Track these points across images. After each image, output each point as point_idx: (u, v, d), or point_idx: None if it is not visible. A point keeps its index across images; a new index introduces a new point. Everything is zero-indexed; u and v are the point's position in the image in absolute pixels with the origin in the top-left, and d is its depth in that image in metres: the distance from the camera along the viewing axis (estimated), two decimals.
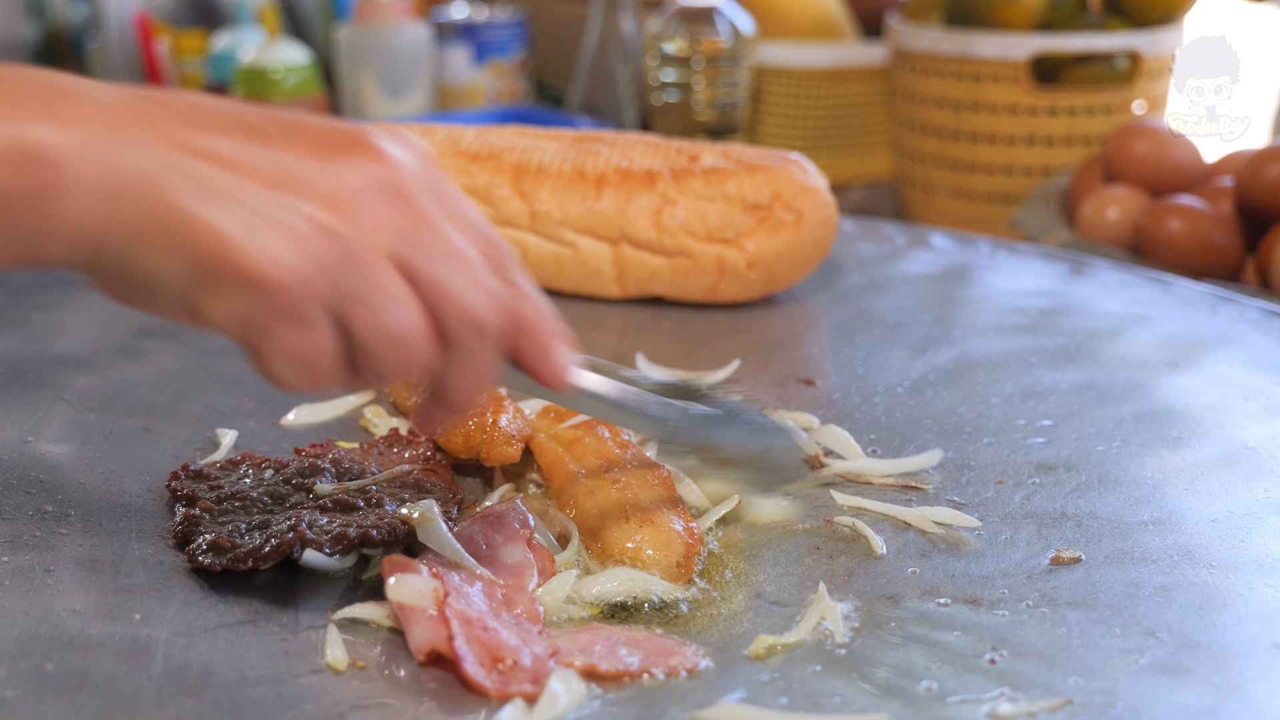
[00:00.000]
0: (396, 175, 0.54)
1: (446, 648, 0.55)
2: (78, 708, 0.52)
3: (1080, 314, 0.98)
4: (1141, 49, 1.40)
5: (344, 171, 0.53)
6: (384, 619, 0.59)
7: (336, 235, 0.52)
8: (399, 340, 0.54)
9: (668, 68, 1.57)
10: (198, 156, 0.52)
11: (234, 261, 0.51)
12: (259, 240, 0.51)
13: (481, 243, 0.57)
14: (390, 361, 0.55)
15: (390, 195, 0.54)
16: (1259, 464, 0.74)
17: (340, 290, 0.53)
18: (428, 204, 0.55)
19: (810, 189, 1.00)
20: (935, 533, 0.68)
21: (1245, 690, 0.54)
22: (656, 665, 0.56)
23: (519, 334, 0.58)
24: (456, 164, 1.04)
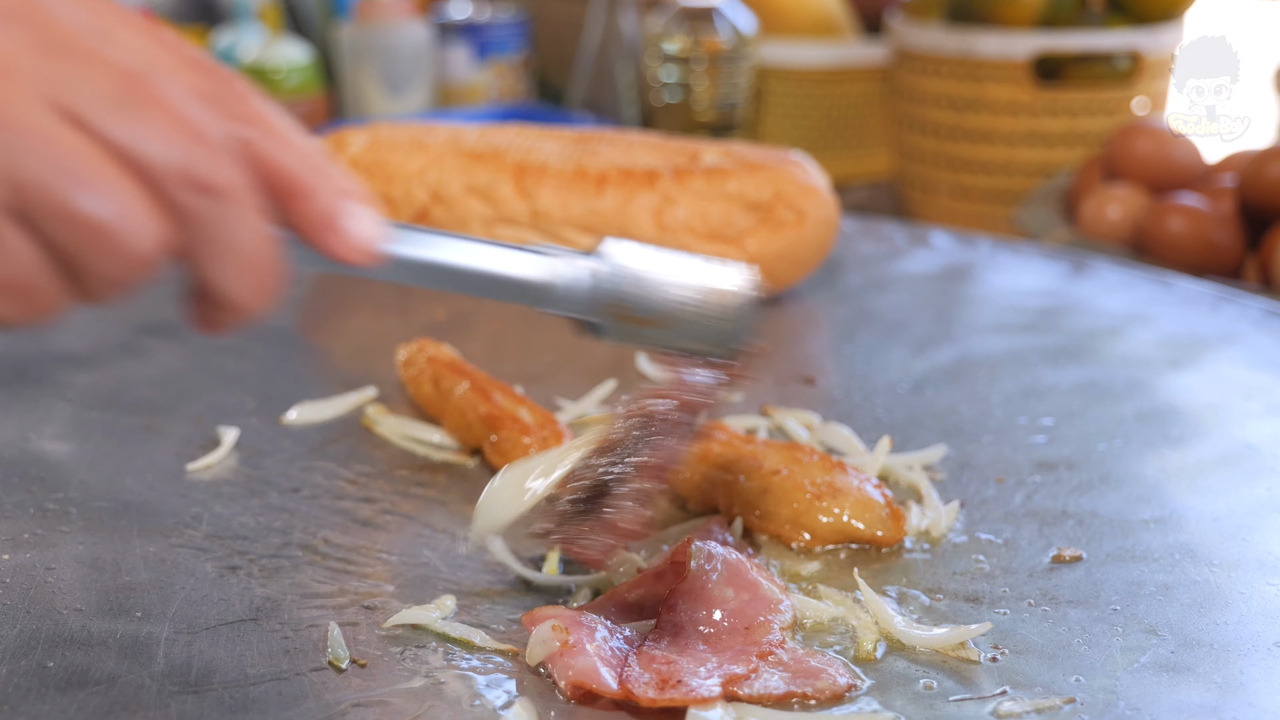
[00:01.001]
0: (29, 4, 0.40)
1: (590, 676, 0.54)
2: (79, 705, 0.52)
3: (1081, 313, 0.98)
4: (1142, 47, 1.40)
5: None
6: (435, 623, 0.59)
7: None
8: (101, 227, 0.40)
9: (669, 67, 1.57)
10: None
11: None
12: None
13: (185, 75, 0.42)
14: (108, 260, 0.40)
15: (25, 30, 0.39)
16: (1260, 462, 0.74)
17: (9, 183, 0.39)
18: (87, 38, 0.40)
19: (811, 188, 1.00)
20: (937, 532, 0.67)
21: (1246, 688, 0.54)
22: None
23: (282, 192, 0.43)
24: (458, 163, 1.04)
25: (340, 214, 0.44)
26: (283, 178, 0.43)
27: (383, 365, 0.86)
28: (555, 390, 0.84)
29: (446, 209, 1.04)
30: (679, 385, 0.57)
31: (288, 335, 0.95)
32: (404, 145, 1.07)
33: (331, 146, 1.10)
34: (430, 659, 0.56)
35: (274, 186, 0.43)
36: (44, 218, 0.39)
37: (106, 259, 0.40)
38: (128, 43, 0.41)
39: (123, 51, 0.41)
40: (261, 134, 0.43)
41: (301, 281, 1.06)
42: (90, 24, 0.41)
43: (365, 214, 0.45)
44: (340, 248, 0.45)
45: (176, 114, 0.40)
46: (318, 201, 0.44)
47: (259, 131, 0.43)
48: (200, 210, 0.41)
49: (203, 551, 0.64)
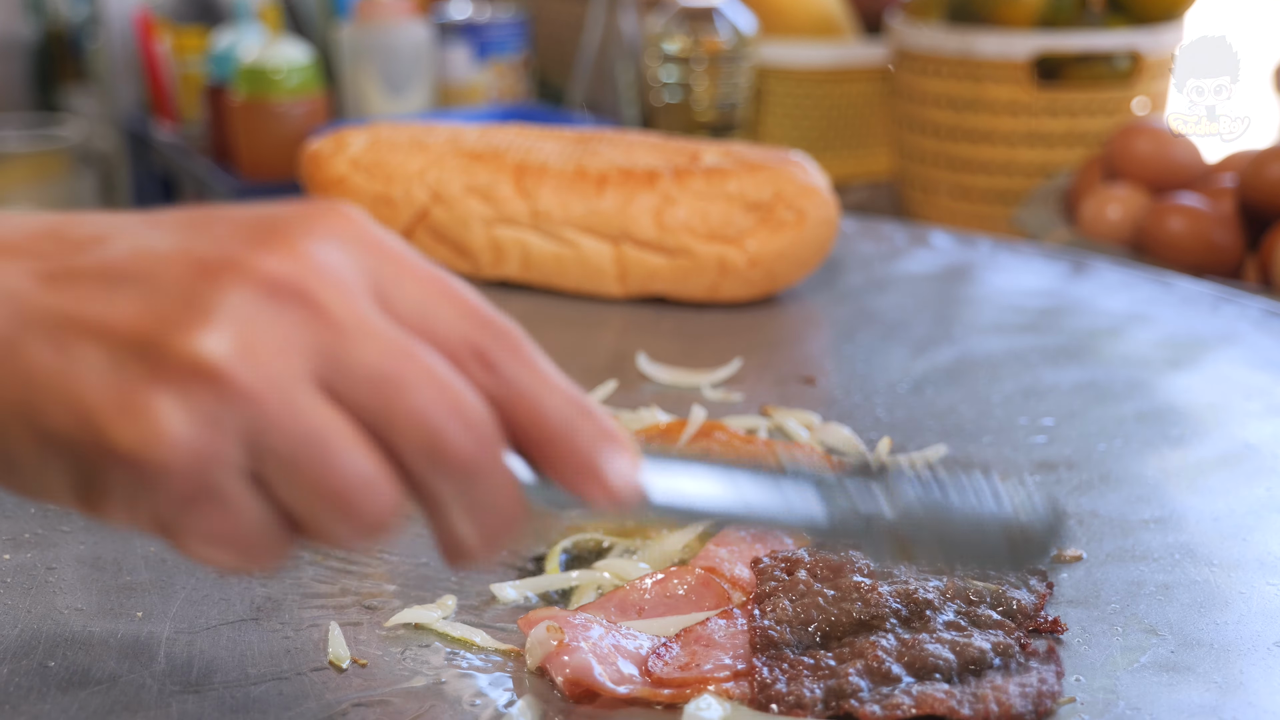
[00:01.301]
0: (303, 275, 0.40)
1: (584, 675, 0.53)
2: (80, 705, 0.52)
3: (1081, 313, 0.98)
4: (1142, 47, 1.40)
5: (230, 291, 0.40)
6: (436, 623, 0.59)
7: (226, 380, 0.39)
8: (342, 498, 0.40)
9: (669, 67, 1.57)
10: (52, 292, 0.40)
11: (106, 443, 0.39)
12: (129, 409, 0.39)
13: (458, 327, 0.43)
14: (341, 525, 0.41)
15: (294, 306, 0.40)
16: (1260, 462, 0.74)
17: (252, 449, 0.40)
18: (351, 305, 0.41)
19: (811, 188, 1.00)
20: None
21: (1247, 688, 0.54)
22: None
23: (536, 444, 0.44)
24: (458, 163, 1.04)
25: (600, 461, 0.44)
26: (545, 428, 0.43)
27: None
28: None
29: (447, 209, 1.04)
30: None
31: None
32: (404, 145, 1.07)
33: (331, 146, 1.10)
34: (431, 659, 0.56)
35: (535, 436, 0.43)
36: (282, 486, 0.40)
37: (340, 524, 0.41)
38: (410, 296, 0.42)
39: (402, 305, 0.42)
40: (527, 385, 0.43)
41: None
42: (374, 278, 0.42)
43: (625, 460, 0.45)
44: (598, 495, 0.44)
45: (437, 386, 0.41)
46: (578, 450, 0.44)
47: (525, 383, 0.43)
48: (443, 479, 0.42)
49: None
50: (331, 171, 1.09)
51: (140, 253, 0.41)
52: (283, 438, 0.39)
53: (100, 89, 2.54)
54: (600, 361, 0.90)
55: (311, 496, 0.40)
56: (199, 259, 0.40)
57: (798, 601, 0.56)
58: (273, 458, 0.40)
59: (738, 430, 0.75)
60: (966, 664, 0.53)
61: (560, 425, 0.43)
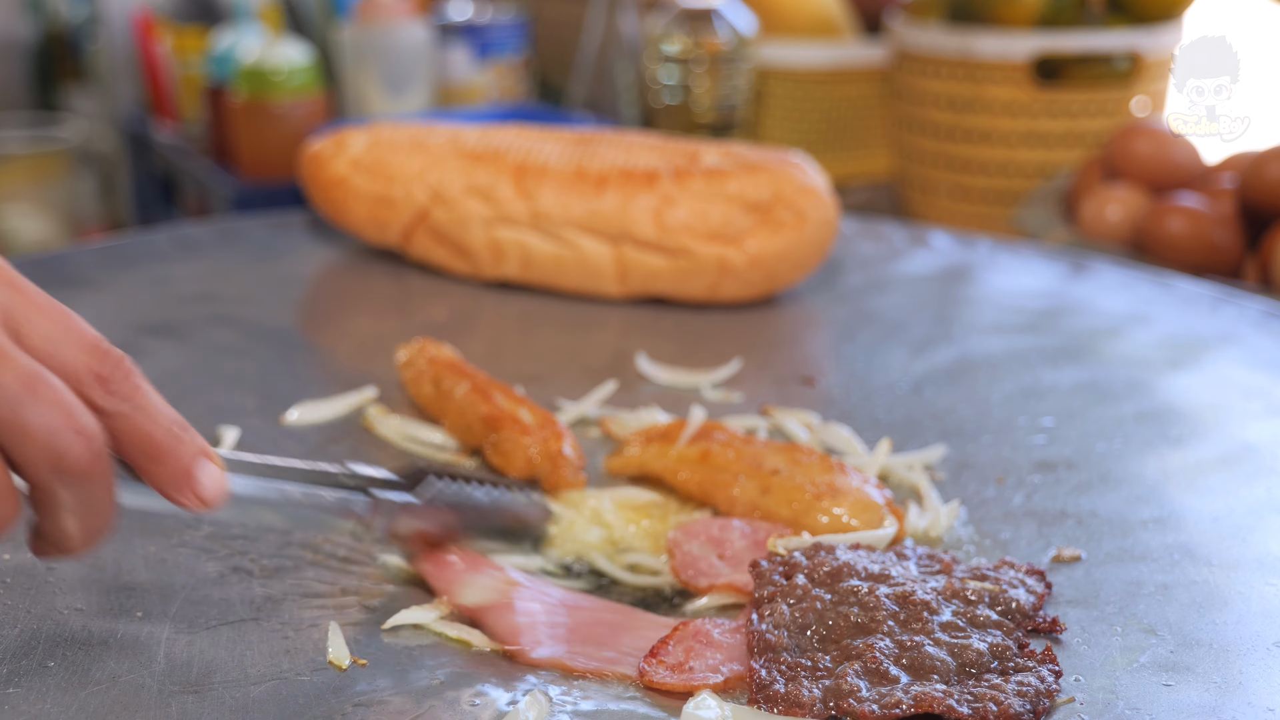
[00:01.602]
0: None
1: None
2: (80, 705, 0.52)
3: (1081, 313, 0.98)
4: (1142, 48, 1.40)
5: None
6: (435, 621, 0.59)
7: None
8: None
9: (669, 68, 1.57)
10: None
11: None
12: None
13: (78, 359, 0.50)
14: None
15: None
16: (1260, 463, 0.74)
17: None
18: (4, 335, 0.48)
19: (811, 189, 1.00)
20: (936, 532, 0.68)
21: (1246, 688, 0.54)
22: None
23: (140, 455, 0.52)
24: (459, 163, 1.04)
25: (192, 474, 0.53)
26: (150, 443, 0.51)
27: (383, 365, 0.86)
28: (555, 391, 0.84)
29: (447, 209, 1.04)
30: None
31: (288, 335, 0.95)
32: (405, 146, 1.07)
33: (332, 147, 1.10)
34: (431, 659, 0.56)
35: (140, 451, 0.51)
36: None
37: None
38: (37, 329, 0.50)
39: (32, 338, 0.49)
40: (137, 409, 0.51)
41: (303, 282, 1.07)
42: (7, 313, 0.49)
43: (212, 473, 0.53)
44: (189, 504, 0.53)
45: (60, 406, 0.48)
46: (173, 464, 0.52)
47: (134, 407, 0.51)
48: (60, 485, 0.49)
49: (204, 552, 0.64)
50: (332, 172, 1.09)
51: None
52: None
53: (100, 89, 2.54)
54: (600, 362, 0.90)
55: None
56: None
57: (795, 605, 0.57)
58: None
59: (737, 430, 0.75)
60: (965, 665, 0.53)
61: (164, 443, 0.52)
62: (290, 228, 1.17)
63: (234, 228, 1.17)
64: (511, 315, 1.01)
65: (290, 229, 1.17)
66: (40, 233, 2.45)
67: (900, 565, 0.60)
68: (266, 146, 1.78)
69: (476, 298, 1.04)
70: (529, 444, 0.72)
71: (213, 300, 0.99)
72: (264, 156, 1.79)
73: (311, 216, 1.17)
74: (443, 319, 0.99)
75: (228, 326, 0.94)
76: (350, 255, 1.12)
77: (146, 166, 2.36)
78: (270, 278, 1.06)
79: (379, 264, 1.10)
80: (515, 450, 0.72)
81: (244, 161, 1.81)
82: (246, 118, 1.79)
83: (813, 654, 0.54)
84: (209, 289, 1.01)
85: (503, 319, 1.00)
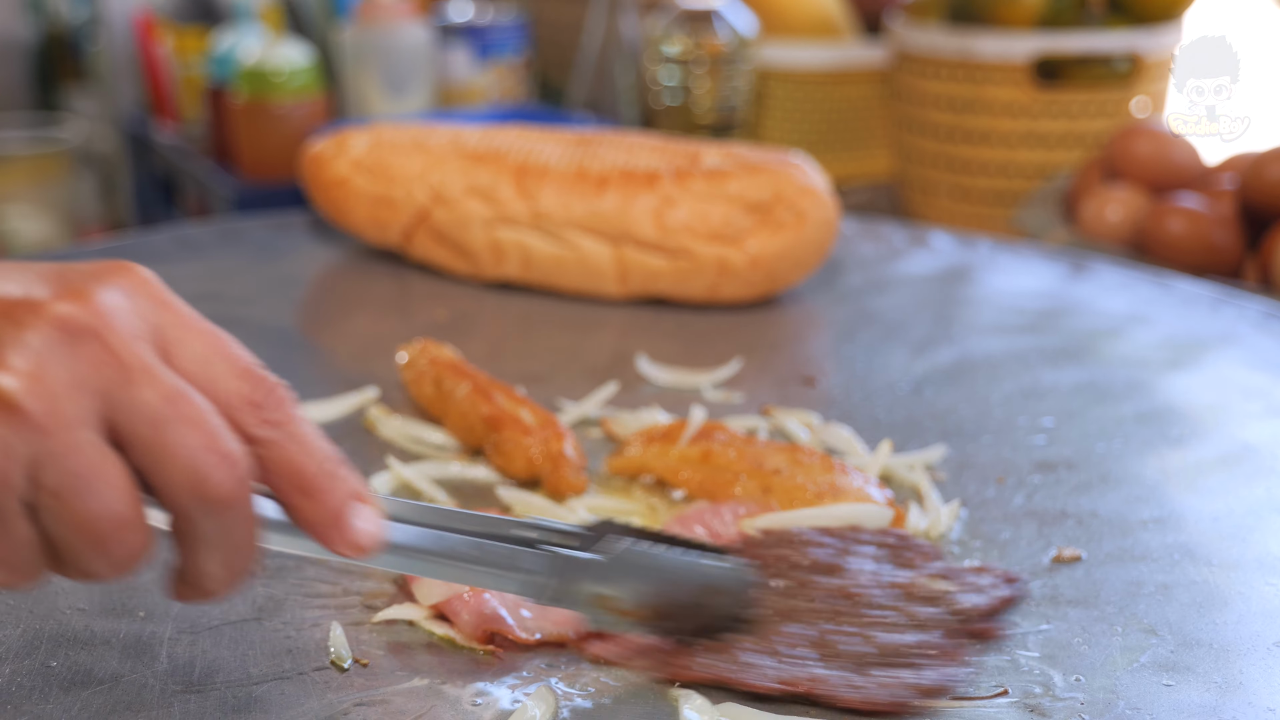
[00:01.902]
0: (93, 317, 0.44)
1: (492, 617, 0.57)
2: (82, 704, 0.52)
3: (1081, 314, 0.98)
4: (1142, 49, 1.40)
5: (27, 331, 0.44)
6: (423, 619, 0.59)
7: (21, 413, 0.43)
8: (97, 533, 0.44)
9: (669, 69, 1.57)
10: None
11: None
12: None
13: (229, 383, 0.47)
14: (94, 559, 0.45)
15: (86, 345, 0.44)
16: (1259, 463, 0.74)
17: (31, 479, 0.43)
18: (136, 348, 0.45)
19: (811, 189, 1.00)
20: (936, 532, 0.68)
21: (1246, 688, 0.54)
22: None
23: (290, 488, 0.48)
24: (460, 164, 1.05)
25: (344, 515, 0.49)
26: (302, 479, 0.48)
27: (384, 366, 0.87)
28: (557, 391, 0.84)
29: (448, 210, 1.05)
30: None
31: (290, 335, 0.95)
32: (406, 146, 1.07)
33: (333, 148, 1.10)
34: (433, 658, 0.57)
35: (290, 484, 0.48)
36: (48, 517, 0.44)
37: (93, 559, 0.45)
38: (188, 350, 0.47)
39: (182, 360, 0.47)
40: (290, 438, 0.48)
41: (303, 283, 1.07)
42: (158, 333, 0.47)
43: (367, 516, 0.50)
44: (339, 548, 0.49)
45: (205, 429, 0.45)
46: (325, 502, 0.49)
47: (287, 436, 0.48)
48: (201, 515, 0.46)
49: None
50: (333, 172, 1.09)
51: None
52: (58, 472, 0.43)
53: (101, 90, 2.54)
54: (600, 362, 0.91)
55: (72, 530, 0.44)
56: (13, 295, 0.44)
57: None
58: (44, 490, 0.43)
59: (738, 431, 0.75)
60: (881, 656, 0.55)
61: (316, 478, 0.48)
62: (291, 228, 1.18)
63: (235, 228, 1.17)
64: (512, 316, 1.01)
65: (291, 229, 1.17)
66: (41, 233, 2.45)
67: (860, 559, 0.61)
68: (267, 147, 1.78)
69: (477, 298, 1.04)
70: (530, 444, 0.72)
71: (214, 301, 0.99)
72: (265, 157, 1.79)
73: (312, 217, 1.17)
74: (443, 319, 0.99)
75: (229, 327, 0.93)
76: (351, 256, 1.12)
77: (147, 167, 2.36)
78: (271, 278, 1.06)
79: (380, 264, 1.10)
80: (516, 451, 0.73)
81: (245, 162, 1.82)
82: (247, 118, 1.79)
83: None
84: (210, 289, 1.02)
85: (503, 319, 1.00)
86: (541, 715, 0.52)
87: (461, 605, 0.58)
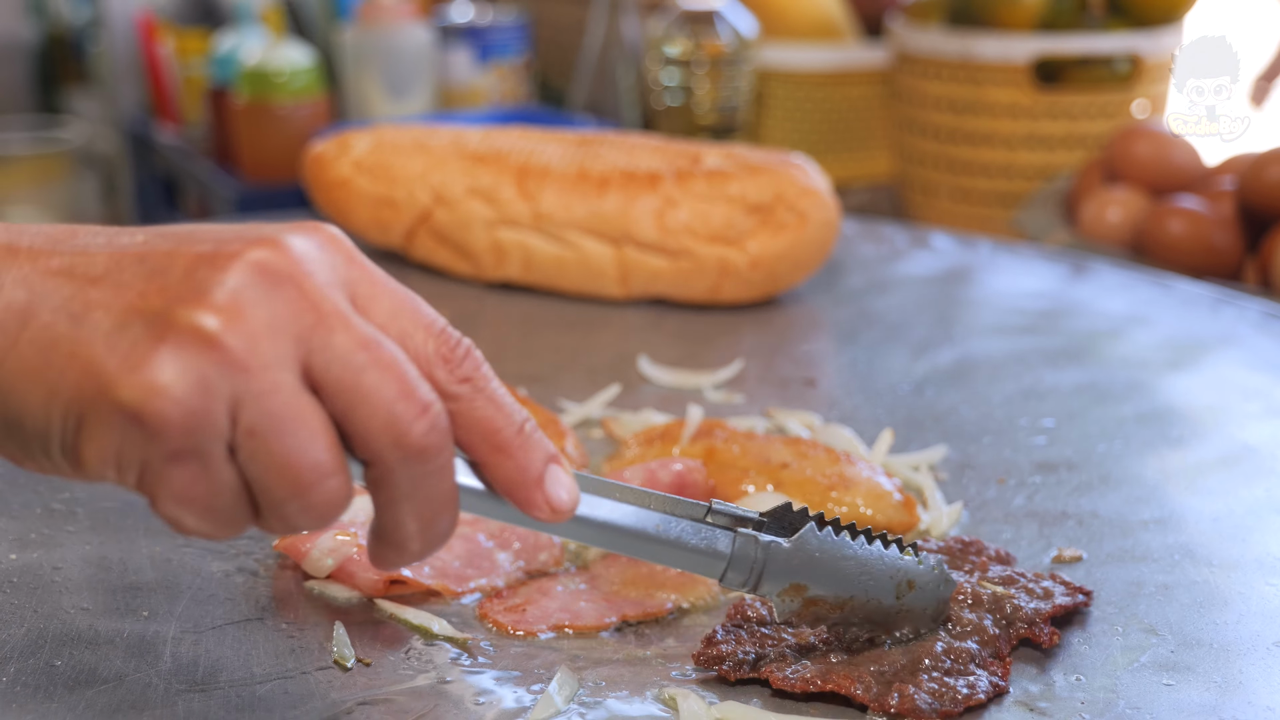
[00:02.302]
0: (289, 263, 0.45)
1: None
2: (87, 704, 0.52)
3: (1081, 315, 0.98)
4: (1142, 50, 1.40)
5: (227, 273, 0.44)
6: (400, 609, 0.60)
7: (223, 350, 0.43)
8: (297, 478, 0.44)
9: (670, 70, 1.58)
10: (67, 278, 0.45)
11: (110, 395, 0.43)
12: (135, 366, 0.43)
13: (421, 338, 0.47)
14: (294, 506, 0.45)
15: (283, 288, 0.44)
16: (1259, 463, 0.75)
17: (234, 418, 0.43)
18: (332, 295, 0.45)
19: (812, 190, 1.01)
20: (938, 532, 0.68)
21: (1246, 688, 0.54)
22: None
23: (486, 447, 0.48)
24: (461, 165, 1.05)
25: (543, 476, 0.48)
26: (498, 439, 0.48)
27: None
28: (558, 392, 0.85)
29: (449, 211, 1.05)
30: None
31: None
32: (407, 147, 1.08)
33: (335, 149, 1.11)
34: (435, 657, 0.57)
35: (486, 443, 0.48)
36: (249, 459, 0.44)
37: (292, 505, 0.45)
38: (380, 306, 0.47)
39: (374, 314, 0.47)
40: (483, 397, 0.48)
41: None
42: (350, 287, 0.47)
43: (565, 478, 0.49)
44: (538, 508, 0.49)
45: (403, 377, 0.45)
46: (523, 461, 0.48)
47: (481, 395, 0.48)
48: (398, 463, 0.45)
49: (208, 551, 0.64)
50: (335, 173, 1.09)
51: (147, 245, 0.46)
52: (259, 413, 0.43)
53: (102, 91, 2.55)
54: (602, 363, 0.91)
55: (272, 474, 0.44)
56: (199, 251, 0.45)
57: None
58: (246, 431, 0.43)
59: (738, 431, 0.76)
60: (914, 662, 0.54)
61: (513, 438, 0.48)
62: None
63: None
64: (513, 316, 1.01)
65: None
66: None
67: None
68: (268, 148, 1.78)
69: (479, 299, 1.04)
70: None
71: None
72: (266, 158, 1.79)
73: (314, 218, 1.17)
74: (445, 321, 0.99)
75: None
76: None
77: (149, 168, 2.37)
78: None
79: (381, 265, 1.10)
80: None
81: (246, 163, 1.82)
82: (248, 119, 1.79)
83: (779, 630, 0.56)
84: None
85: (505, 320, 1.00)
86: (564, 699, 0.53)
87: (355, 566, 0.60)
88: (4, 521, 0.66)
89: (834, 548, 0.53)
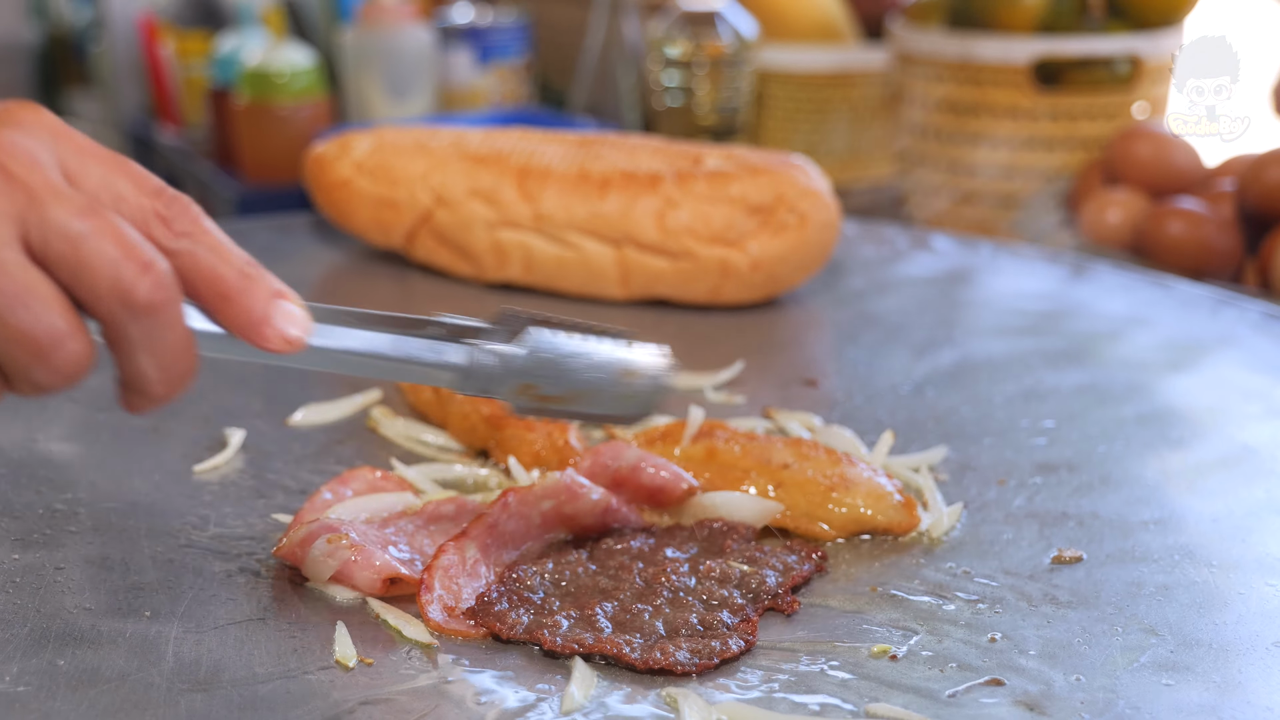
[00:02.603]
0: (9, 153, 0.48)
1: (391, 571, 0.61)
2: (89, 703, 0.52)
3: (1081, 316, 0.98)
4: (1142, 52, 1.40)
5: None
6: (378, 606, 0.60)
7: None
8: (39, 345, 0.48)
9: (671, 71, 1.58)
10: None
11: None
12: None
13: (136, 199, 0.50)
14: (39, 370, 0.48)
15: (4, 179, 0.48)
16: (1259, 464, 0.75)
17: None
18: (40, 172, 0.48)
19: (813, 192, 1.01)
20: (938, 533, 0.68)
21: (1245, 688, 0.54)
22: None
23: (212, 295, 0.51)
24: (462, 166, 1.05)
25: (270, 314, 0.52)
26: (221, 284, 0.51)
27: None
28: None
29: (450, 212, 1.05)
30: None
31: None
32: (408, 149, 1.08)
33: (336, 150, 1.11)
34: (436, 658, 0.57)
35: (211, 291, 0.51)
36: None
37: (38, 371, 0.48)
38: (93, 174, 0.50)
39: (87, 183, 0.49)
40: (204, 248, 0.51)
41: (306, 285, 1.07)
42: (61, 162, 0.49)
43: (295, 312, 0.53)
44: (271, 343, 0.52)
45: (122, 239, 0.48)
46: (248, 303, 0.51)
47: (201, 246, 0.51)
48: (129, 321, 0.49)
49: (211, 552, 0.65)
50: (336, 174, 1.09)
51: None
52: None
53: (103, 92, 2.55)
54: None
55: (13, 345, 0.47)
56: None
57: (559, 565, 0.63)
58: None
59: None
60: (672, 628, 0.58)
61: (236, 283, 0.51)
62: (294, 230, 1.18)
63: (237, 230, 1.16)
64: None
65: (294, 232, 1.18)
66: None
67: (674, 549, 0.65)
68: (270, 149, 1.78)
69: (480, 300, 1.04)
70: (534, 439, 0.73)
71: None
72: (267, 159, 1.79)
73: (315, 219, 1.18)
74: None
75: None
76: (354, 258, 1.12)
77: (150, 169, 2.36)
78: None
79: (382, 266, 1.10)
80: (520, 447, 0.73)
81: (247, 164, 1.82)
82: (250, 121, 1.79)
83: (551, 601, 0.60)
84: None
85: None
86: (580, 694, 0.54)
87: (353, 568, 0.60)
88: (6, 521, 0.66)
89: (560, 348, 0.58)
